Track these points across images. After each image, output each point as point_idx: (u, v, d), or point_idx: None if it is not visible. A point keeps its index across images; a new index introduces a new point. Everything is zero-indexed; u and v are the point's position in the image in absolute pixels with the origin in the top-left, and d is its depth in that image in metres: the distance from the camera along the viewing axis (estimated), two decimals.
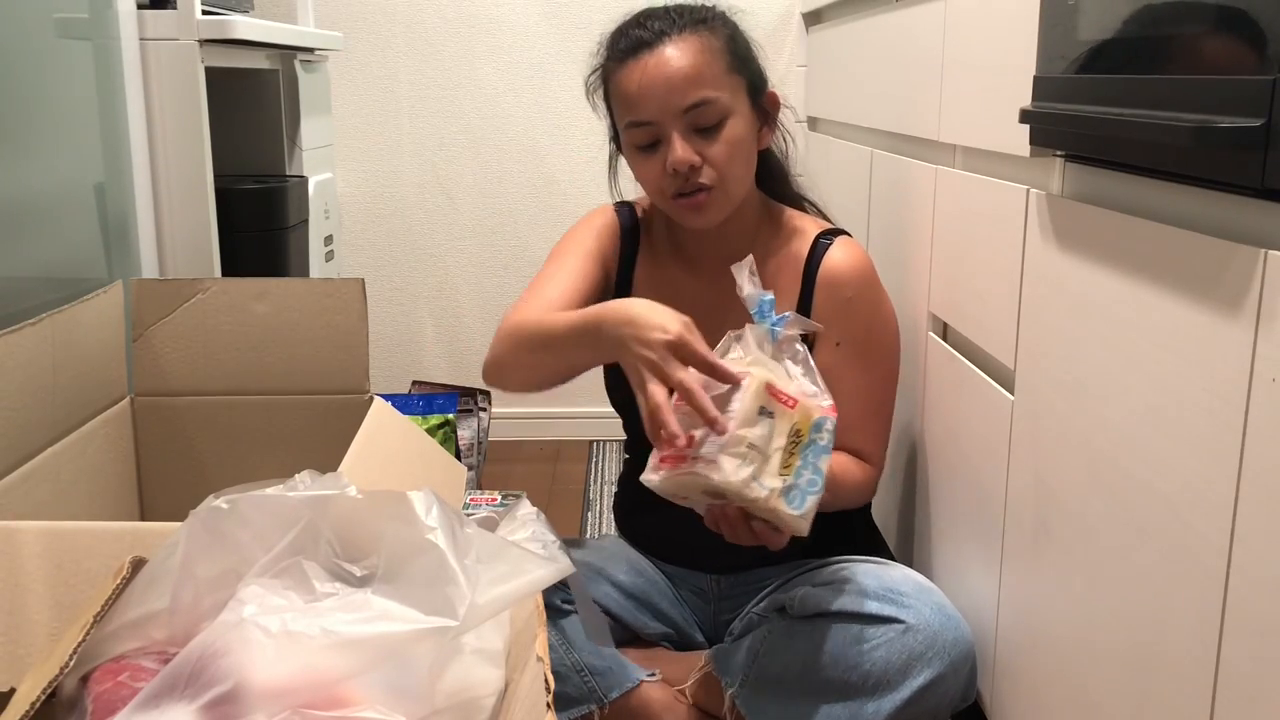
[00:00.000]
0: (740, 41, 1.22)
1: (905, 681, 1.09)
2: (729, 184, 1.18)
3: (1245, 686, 0.66)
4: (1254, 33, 0.62)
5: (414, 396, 2.01)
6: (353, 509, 0.78)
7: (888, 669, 1.10)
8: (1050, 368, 0.94)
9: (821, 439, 0.98)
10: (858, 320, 1.22)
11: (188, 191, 1.52)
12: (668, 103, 1.15)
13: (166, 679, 0.67)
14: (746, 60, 1.21)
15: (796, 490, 0.97)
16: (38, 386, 1.15)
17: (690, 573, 1.33)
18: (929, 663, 1.09)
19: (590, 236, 1.29)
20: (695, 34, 1.17)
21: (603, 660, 1.23)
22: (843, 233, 1.28)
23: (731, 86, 1.18)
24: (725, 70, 1.17)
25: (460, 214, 2.37)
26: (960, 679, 1.12)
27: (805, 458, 0.98)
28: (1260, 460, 0.63)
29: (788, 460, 0.97)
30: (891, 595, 1.13)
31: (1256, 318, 0.63)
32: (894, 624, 1.11)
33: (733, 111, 1.17)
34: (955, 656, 1.10)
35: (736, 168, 1.19)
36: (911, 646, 1.10)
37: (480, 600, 0.71)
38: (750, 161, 1.22)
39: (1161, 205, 0.78)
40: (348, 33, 2.24)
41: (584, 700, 1.21)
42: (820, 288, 1.23)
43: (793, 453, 0.97)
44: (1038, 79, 0.93)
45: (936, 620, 1.11)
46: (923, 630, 1.10)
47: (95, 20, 1.45)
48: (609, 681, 1.23)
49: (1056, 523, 0.93)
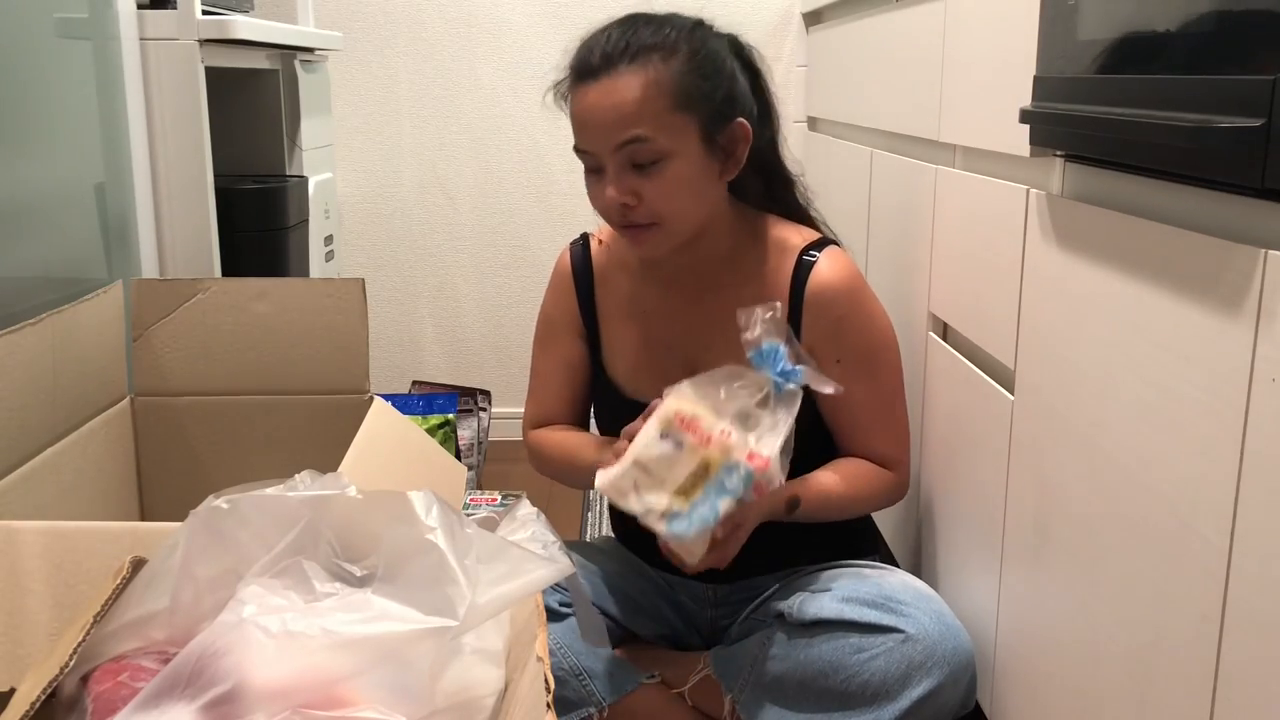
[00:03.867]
0: (699, 71, 1.13)
1: (904, 692, 1.09)
2: (669, 222, 1.15)
3: (1245, 686, 0.66)
4: (1254, 33, 0.62)
5: (414, 396, 2.01)
6: (353, 509, 0.78)
7: (886, 679, 1.09)
8: (1050, 368, 0.94)
9: (730, 482, 1.00)
10: (854, 336, 1.21)
11: (188, 191, 1.52)
12: (603, 137, 1.13)
13: (166, 679, 0.67)
14: (702, 95, 1.13)
15: (682, 518, 1.00)
16: (38, 386, 1.15)
17: (686, 580, 1.32)
18: (928, 673, 1.09)
19: (554, 310, 1.33)
20: (642, 67, 1.11)
21: (601, 663, 1.23)
22: (830, 243, 1.24)
23: (674, 126, 1.11)
24: (668, 108, 1.11)
25: (460, 214, 2.37)
26: (960, 689, 1.11)
27: (708, 493, 1.00)
28: (1260, 460, 0.63)
29: (688, 490, 1.00)
30: (890, 604, 1.12)
31: (1256, 318, 0.63)
32: (893, 633, 1.10)
33: (673, 152, 1.12)
34: (955, 666, 1.10)
35: (677, 206, 1.14)
36: (910, 656, 1.09)
37: (480, 600, 0.71)
38: (699, 197, 1.16)
39: (1161, 205, 0.78)
40: (348, 33, 2.24)
41: (582, 704, 1.21)
42: (809, 307, 1.20)
43: (695, 485, 1.00)
44: (1038, 79, 0.93)
45: (936, 630, 1.10)
46: (922, 640, 1.09)
47: (95, 20, 1.45)
48: (607, 685, 1.22)
49: (1056, 523, 0.93)
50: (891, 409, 1.25)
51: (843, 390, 1.06)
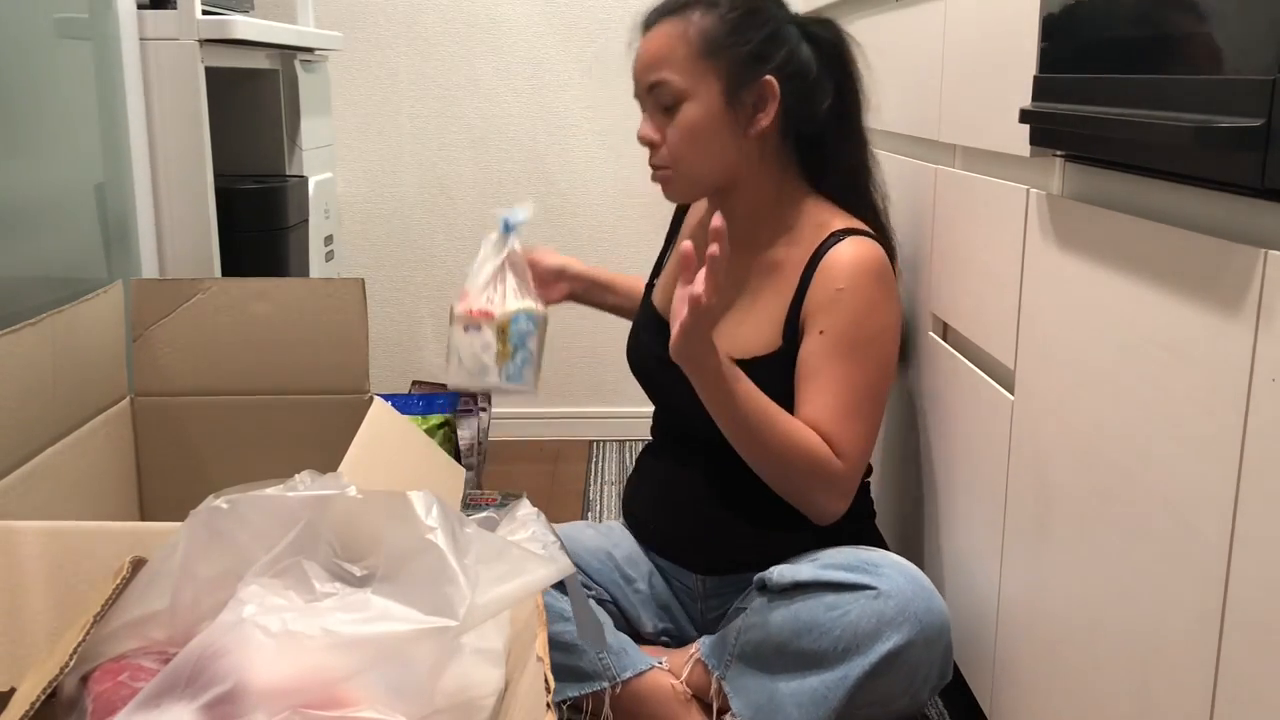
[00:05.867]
0: (734, 25, 1.21)
1: (874, 646, 1.10)
2: (682, 166, 1.24)
3: (1245, 686, 0.66)
4: (1254, 33, 0.62)
5: (414, 396, 2.01)
6: (353, 509, 0.78)
7: (857, 634, 1.11)
8: (1050, 368, 0.94)
9: (519, 324, 1.29)
10: (845, 312, 1.20)
11: (188, 191, 1.52)
12: (639, 80, 1.26)
13: (166, 679, 0.67)
14: (731, 45, 1.21)
15: (512, 365, 1.29)
16: (38, 386, 1.15)
17: (679, 569, 1.35)
18: (898, 628, 1.10)
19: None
20: (681, 19, 1.22)
21: (617, 640, 1.26)
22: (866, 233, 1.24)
23: (696, 71, 1.21)
24: (693, 55, 1.21)
25: (460, 214, 2.37)
26: (934, 653, 1.13)
27: (513, 344, 1.28)
28: (1260, 460, 0.63)
29: (503, 351, 1.28)
30: (865, 566, 1.15)
31: (1256, 318, 0.63)
32: (866, 590, 1.13)
33: (689, 95, 1.21)
34: (926, 625, 1.11)
35: (690, 152, 1.23)
36: (881, 611, 1.11)
37: (480, 600, 0.71)
38: (714, 146, 1.23)
39: (1161, 205, 0.78)
40: (348, 33, 2.24)
41: (597, 677, 1.24)
42: (817, 275, 1.22)
43: (504, 344, 1.28)
44: (1038, 79, 0.93)
45: (909, 588, 1.12)
46: (894, 596, 1.11)
47: (95, 20, 1.45)
48: (623, 661, 1.25)
49: (1056, 522, 0.93)
50: (860, 402, 1.20)
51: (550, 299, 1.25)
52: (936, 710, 1.33)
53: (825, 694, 1.12)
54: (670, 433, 1.37)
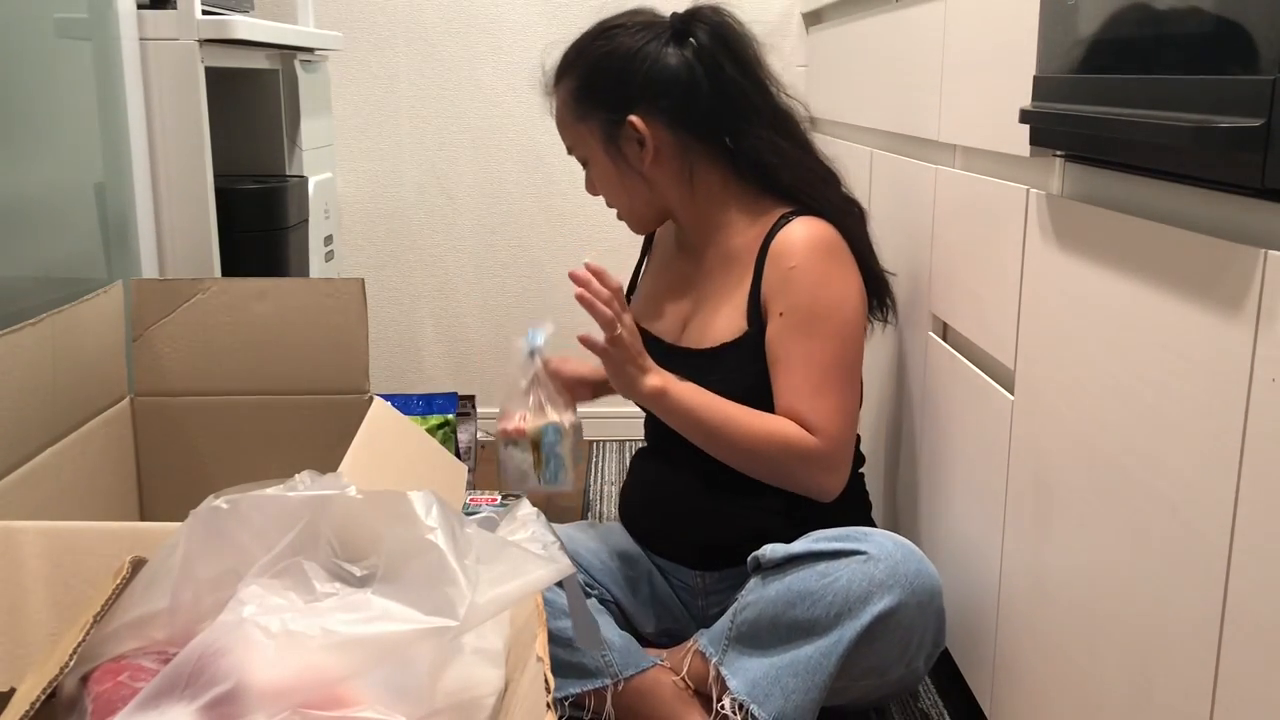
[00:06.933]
0: (588, 84, 1.30)
1: (865, 608, 1.12)
2: (621, 211, 1.37)
3: (1245, 686, 0.66)
4: (1254, 33, 0.62)
5: (414, 396, 2.01)
6: (353, 509, 0.78)
7: (849, 597, 1.12)
8: (1050, 368, 0.94)
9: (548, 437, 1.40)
10: (800, 290, 1.22)
11: (188, 191, 1.52)
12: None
13: (166, 679, 0.67)
14: (594, 104, 1.29)
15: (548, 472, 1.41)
16: (38, 386, 1.15)
17: (677, 567, 1.36)
18: (889, 590, 1.12)
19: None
20: (559, 87, 1.33)
21: (620, 638, 1.26)
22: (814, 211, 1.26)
23: (580, 136, 1.33)
24: (574, 119, 1.32)
25: (460, 214, 2.37)
26: (926, 617, 1.14)
27: (546, 453, 1.40)
28: (1260, 460, 0.63)
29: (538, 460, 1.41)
30: (855, 535, 1.18)
31: (1256, 318, 0.63)
32: (856, 555, 1.14)
33: (588, 157, 1.33)
34: (917, 588, 1.13)
35: (614, 198, 1.36)
36: (871, 574, 1.12)
37: (480, 600, 0.71)
38: (628, 188, 1.33)
39: (1161, 205, 0.78)
40: (348, 33, 2.24)
41: (600, 674, 1.24)
42: (769, 259, 1.25)
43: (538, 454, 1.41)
44: (1038, 79, 0.93)
45: (899, 552, 1.14)
46: (884, 560, 1.13)
47: (95, 20, 1.45)
48: (626, 659, 1.25)
49: (1056, 523, 0.93)
50: (827, 376, 1.22)
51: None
52: (936, 710, 1.33)
53: (820, 661, 1.13)
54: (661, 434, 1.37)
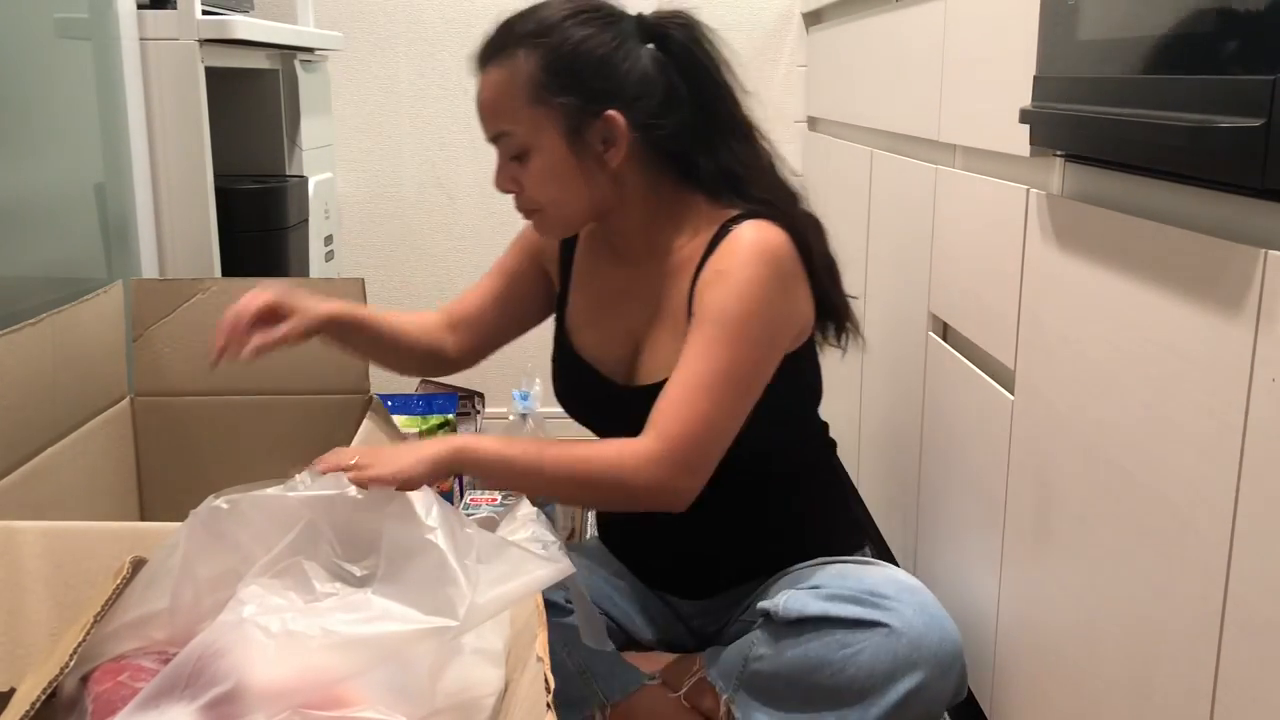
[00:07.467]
0: (559, 66, 1.12)
1: (891, 686, 1.09)
2: (549, 209, 1.17)
3: (1245, 686, 0.66)
4: (1254, 33, 0.62)
5: (414, 396, 2.01)
6: (353, 509, 0.78)
7: (873, 674, 1.09)
8: (1050, 368, 0.94)
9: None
10: (722, 290, 1.10)
11: (188, 191, 1.52)
12: (484, 128, 1.17)
13: (166, 679, 0.67)
14: (561, 89, 1.11)
15: None
16: (38, 386, 1.15)
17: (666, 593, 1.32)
18: (914, 667, 1.08)
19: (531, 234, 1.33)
20: (507, 62, 1.13)
21: (604, 663, 1.23)
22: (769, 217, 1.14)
23: (532, 119, 1.12)
24: (526, 103, 1.12)
25: (460, 214, 2.37)
26: (949, 681, 1.11)
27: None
28: (1260, 460, 0.63)
29: None
30: (874, 598, 1.12)
31: (1256, 318, 0.63)
32: (878, 628, 1.10)
33: (534, 145, 1.13)
34: (941, 659, 1.09)
35: (550, 196, 1.15)
36: (896, 650, 1.09)
37: (480, 600, 0.71)
38: (573, 186, 1.15)
39: (1161, 205, 0.78)
40: (348, 33, 2.24)
41: (586, 703, 1.21)
42: (708, 263, 1.13)
43: None
44: (1038, 79, 0.93)
45: (920, 622, 1.10)
46: (907, 634, 1.09)
47: (95, 20, 1.45)
48: (611, 685, 1.22)
49: (1056, 523, 0.93)
50: (713, 383, 1.07)
51: None
52: None
53: None
54: None
